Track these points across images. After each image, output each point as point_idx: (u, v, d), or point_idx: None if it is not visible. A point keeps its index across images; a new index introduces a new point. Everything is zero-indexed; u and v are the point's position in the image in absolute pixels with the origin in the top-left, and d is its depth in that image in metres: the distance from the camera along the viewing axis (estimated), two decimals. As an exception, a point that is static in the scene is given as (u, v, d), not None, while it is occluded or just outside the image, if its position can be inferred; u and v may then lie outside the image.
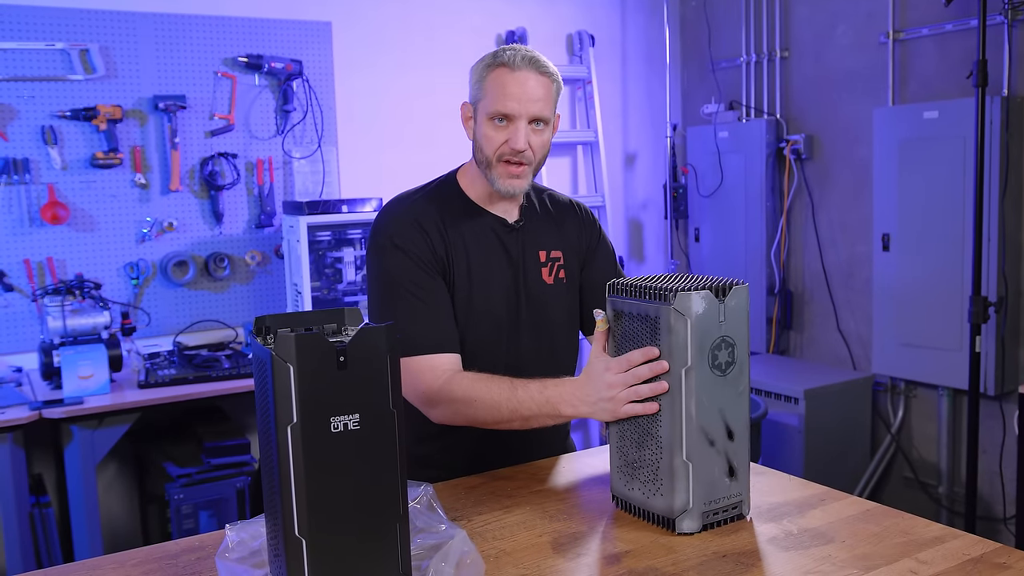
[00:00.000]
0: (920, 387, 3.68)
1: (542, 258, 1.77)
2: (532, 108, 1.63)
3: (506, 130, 1.63)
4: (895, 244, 3.51)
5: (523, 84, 1.62)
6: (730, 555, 1.27)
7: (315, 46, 3.63)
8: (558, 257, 1.79)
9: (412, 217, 1.68)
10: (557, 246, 1.79)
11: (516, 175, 1.66)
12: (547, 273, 1.77)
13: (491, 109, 1.63)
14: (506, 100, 1.62)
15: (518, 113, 1.62)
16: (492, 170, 1.66)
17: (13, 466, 2.68)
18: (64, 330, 2.94)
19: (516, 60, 1.63)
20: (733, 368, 1.35)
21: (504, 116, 1.63)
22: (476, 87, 1.68)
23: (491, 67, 1.65)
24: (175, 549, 1.34)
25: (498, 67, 1.63)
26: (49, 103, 3.15)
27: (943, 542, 1.30)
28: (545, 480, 1.62)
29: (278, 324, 1.16)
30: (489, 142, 1.65)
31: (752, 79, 4.24)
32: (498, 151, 1.64)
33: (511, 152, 1.64)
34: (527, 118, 1.63)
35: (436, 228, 1.68)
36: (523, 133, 1.63)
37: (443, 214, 1.70)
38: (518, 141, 1.62)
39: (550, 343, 1.78)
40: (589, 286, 1.83)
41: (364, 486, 1.09)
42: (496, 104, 1.62)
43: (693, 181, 4.45)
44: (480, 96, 1.66)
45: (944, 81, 3.47)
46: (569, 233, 1.82)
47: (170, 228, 3.37)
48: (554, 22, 4.28)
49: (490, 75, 1.64)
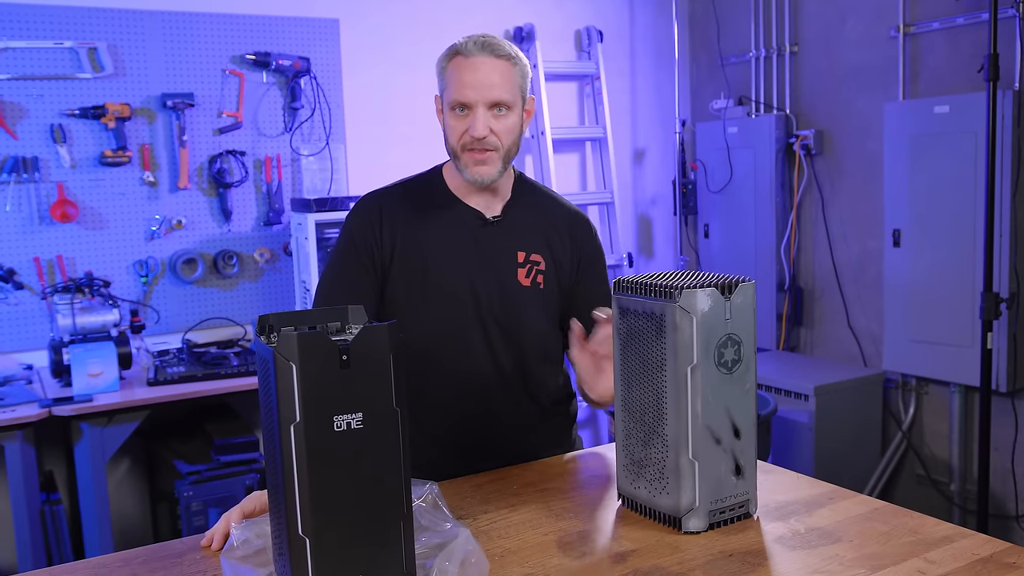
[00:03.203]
0: (931, 384, 3.66)
1: (520, 258, 1.74)
2: (489, 94, 1.62)
3: (466, 119, 1.63)
4: (906, 240, 3.49)
5: (477, 70, 1.61)
6: (736, 554, 1.27)
7: (323, 43, 3.63)
8: (538, 262, 1.75)
9: (372, 204, 1.73)
10: (540, 251, 1.75)
11: (482, 161, 1.65)
12: (524, 275, 1.74)
13: (450, 99, 1.64)
14: (463, 88, 1.61)
15: (475, 100, 1.61)
16: (459, 160, 1.66)
17: (24, 463, 2.70)
18: (74, 328, 2.95)
19: (469, 46, 1.63)
20: (739, 366, 1.34)
21: (463, 105, 1.62)
22: (440, 79, 1.68)
23: (449, 57, 1.65)
24: (181, 547, 1.35)
25: (454, 56, 1.64)
26: (58, 102, 3.16)
27: (952, 541, 1.28)
28: (550, 478, 1.62)
29: (281, 323, 1.15)
30: (452, 132, 1.65)
31: (761, 74, 4.22)
32: (461, 140, 1.64)
33: (472, 140, 1.63)
34: (485, 104, 1.62)
35: (391, 217, 1.70)
36: (482, 119, 1.61)
37: (412, 203, 1.72)
38: (477, 128, 1.61)
39: (518, 343, 1.74)
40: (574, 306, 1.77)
41: (368, 485, 1.09)
42: (454, 93, 1.63)
43: (702, 177, 4.43)
44: (442, 87, 1.67)
45: (955, 75, 3.44)
46: (558, 242, 1.78)
47: (179, 226, 3.38)
48: (562, 18, 4.26)
49: (449, 65, 1.65)
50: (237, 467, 3.03)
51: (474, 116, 1.62)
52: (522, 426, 1.79)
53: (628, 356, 1.41)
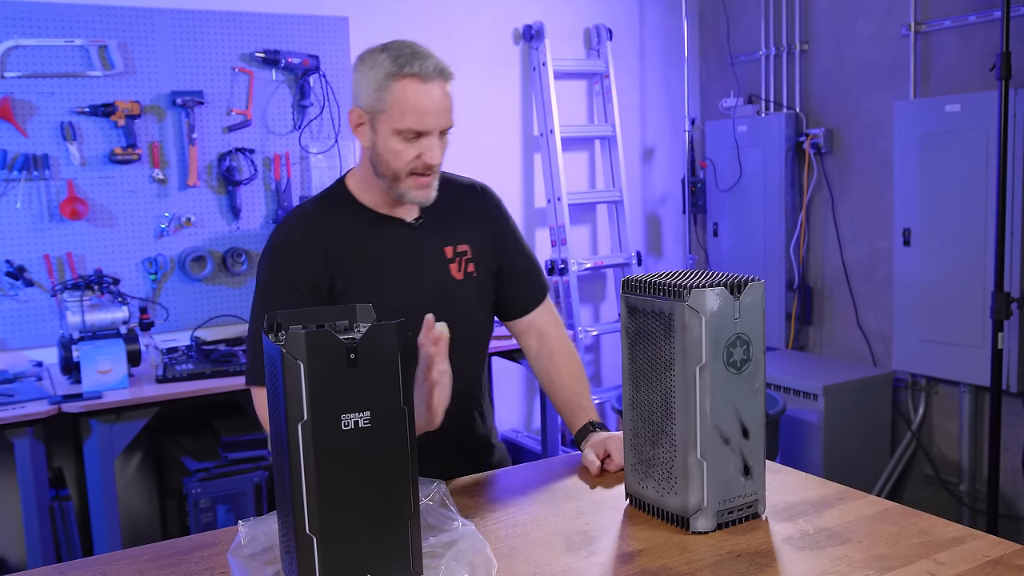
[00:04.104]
0: (941, 384, 3.64)
1: (448, 254, 1.71)
2: (445, 120, 1.57)
3: (417, 144, 1.55)
4: (916, 239, 3.47)
5: (433, 97, 1.53)
6: (745, 555, 1.26)
7: (332, 41, 3.63)
8: (465, 251, 1.73)
9: (296, 235, 1.62)
10: (463, 240, 1.73)
11: (427, 185, 1.60)
12: (456, 269, 1.71)
13: (402, 126, 1.54)
14: (421, 117, 1.53)
15: (433, 128, 1.55)
16: (400, 183, 1.59)
17: (33, 460, 2.71)
18: (83, 325, 2.96)
19: (428, 70, 1.52)
20: (748, 366, 1.34)
21: (419, 132, 1.54)
22: (375, 96, 1.55)
23: (396, 76, 1.53)
24: (188, 545, 1.35)
25: (405, 78, 1.52)
26: (68, 99, 3.17)
27: (962, 543, 1.28)
28: (559, 478, 1.61)
29: (289, 321, 1.15)
30: (398, 157, 1.56)
31: (771, 72, 4.20)
32: (410, 166, 1.57)
33: (424, 167, 1.57)
34: (440, 130, 1.57)
35: (321, 245, 1.60)
36: (438, 147, 1.56)
37: (334, 227, 1.63)
38: (434, 156, 1.56)
39: (466, 337, 1.70)
40: (508, 274, 1.79)
41: (375, 483, 1.09)
42: (407, 121, 1.53)
43: (712, 175, 4.42)
44: (381, 107, 1.55)
45: (966, 74, 3.42)
46: (474, 223, 1.75)
47: (188, 223, 3.39)
48: (571, 16, 4.26)
49: (395, 85, 1.53)
50: (245, 464, 3.04)
51: (430, 144, 1.55)
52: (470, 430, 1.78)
53: (636, 355, 1.40)
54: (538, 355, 1.83)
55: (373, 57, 1.56)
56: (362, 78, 1.57)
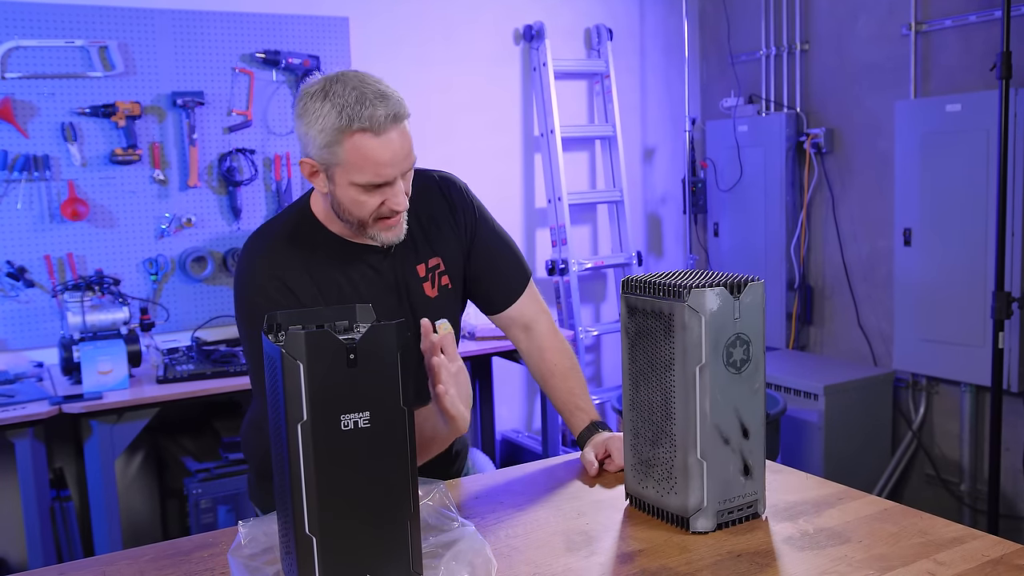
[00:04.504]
0: (942, 383, 3.64)
1: (421, 272, 1.64)
2: (405, 164, 1.47)
3: (380, 191, 1.46)
4: (917, 239, 3.47)
5: (393, 146, 1.43)
6: (745, 554, 1.26)
7: (332, 42, 3.63)
8: (437, 265, 1.66)
9: (276, 273, 1.50)
10: (433, 253, 1.66)
11: (396, 225, 1.52)
12: (429, 287, 1.65)
13: (362, 180, 1.44)
14: (381, 169, 1.43)
15: (395, 176, 1.46)
16: (367, 228, 1.51)
17: (34, 460, 2.71)
18: (84, 325, 2.96)
19: (378, 120, 1.40)
20: (748, 366, 1.34)
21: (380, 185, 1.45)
22: (325, 151, 1.43)
23: (346, 132, 1.41)
24: (188, 546, 1.35)
25: (356, 133, 1.41)
26: (69, 100, 3.18)
27: (962, 543, 1.28)
28: (558, 478, 1.61)
29: (289, 321, 1.15)
30: (361, 207, 1.48)
31: (772, 72, 4.20)
32: (375, 213, 1.49)
33: (390, 211, 1.49)
34: (402, 174, 1.48)
35: (304, 280, 1.51)
36: (402, 191, 1.48)
37: (309, 259, 1.54)
38: (400, 202, 1.48)
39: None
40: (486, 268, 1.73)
41: (375, 484, 1.09)
42: (367, 176, 1.44)
43: (712, 175, 4.42)
44: (335, 162, 1.44)
45: (967, 73, 3.42)
46: (446, 228, 1.67)
47: (188, 224, 3.39)
48: (572, 16, 4.26)
49: (347, 141, 1.41)
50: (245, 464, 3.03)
51: (394, 192, 1.47)
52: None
53: (636, 355, 1.40)
54: (528, 352, 1.80)
55: (315, 108, 1.43)
56: (307, 131, 1.45)
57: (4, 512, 3.12)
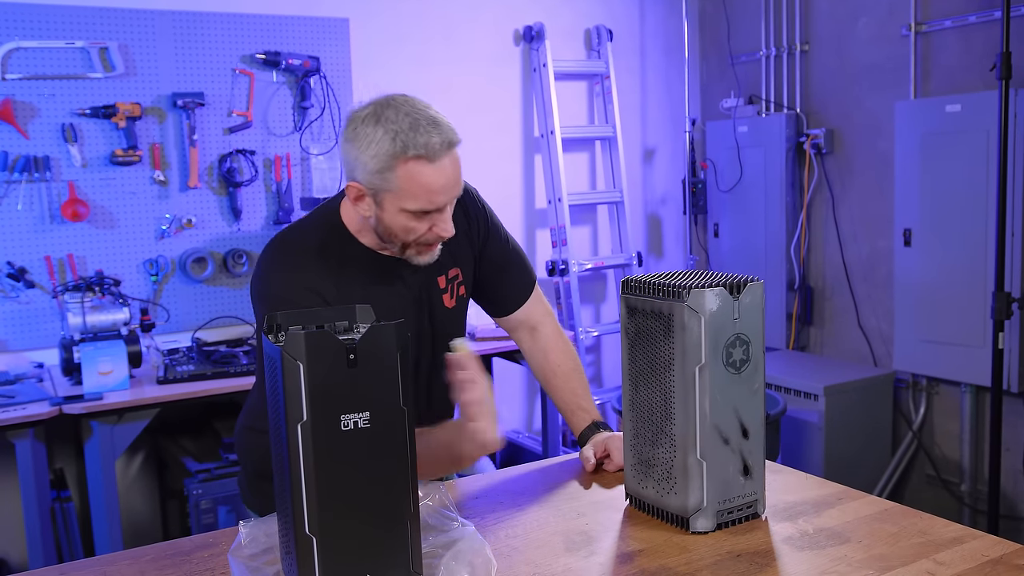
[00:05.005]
0: (942, 384, 3.64)
1: (442, 284, 1.64)
2: (456, 191, 1.48)
3: (429, 218, 1.47)
4: (917, 239, 3.47)
5: (446, 173, 1.44)
6: (744, 554, 1.26)
7: (332, 43, 3.64)
8: (456, 275, 1.67)
9: (307, 284, 1.48)
10: (453, 264, 1.66)
11: (435, 250, 1.54)
12: (448, 298, 1.66)
13: (414, 207, 1.44)
14: (434, 196, 1.44)
15: (447, 203, 1.47)
16: (408, 249, 1.52)
17: (34, 461, 2.71)
18: (84, 326, 2.96)
19: (433, 148, 1.41)
20: (748, 366, 1.34)
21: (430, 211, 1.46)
22: (377, 176, 1.42)
23: (400, 158, 1.40)
24: (189, 546, 1.35)
25: (412, 159, 1.40)
26: (69, 101, 3.18)
27: (962, 543, 1.28)
28: (558, 478, 1.62)
29: (289, 322, 1.16)
30: (409, 232, 1.48)
31: (772, 73, 4.20)
32: (422, 238, 1.49)
33: (437, 239, 1.50)
34: (452, 202, 1.49)
35: (334, 289, 1.50)
36: (450, 218, 1.49)
37: (339, 273, 1.52)
38: (448, 229, 1.49)
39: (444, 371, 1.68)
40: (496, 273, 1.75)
41: (375, 484, 1.09)
42: (420, 203, 1.44)
43: (712, 176, 4.42)
44: (387, 187, 1.43)
45: (967, 74, 3.42)
46: (460, 240, 1.66)
47: (189, 225, 3.39)
48: (572, 16, 4.26)
49: (401, 168, 1.41)
50: (246, 465, 3.04)
51: (443, 219, 1.48)
52: None
53: (636, 356, 1.41)
54: (532, 353, 1.82)
55: (368, 133, 1.42)
56: (359, 155, 1.43)
57: (5, 513, 3.12)
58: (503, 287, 1.78)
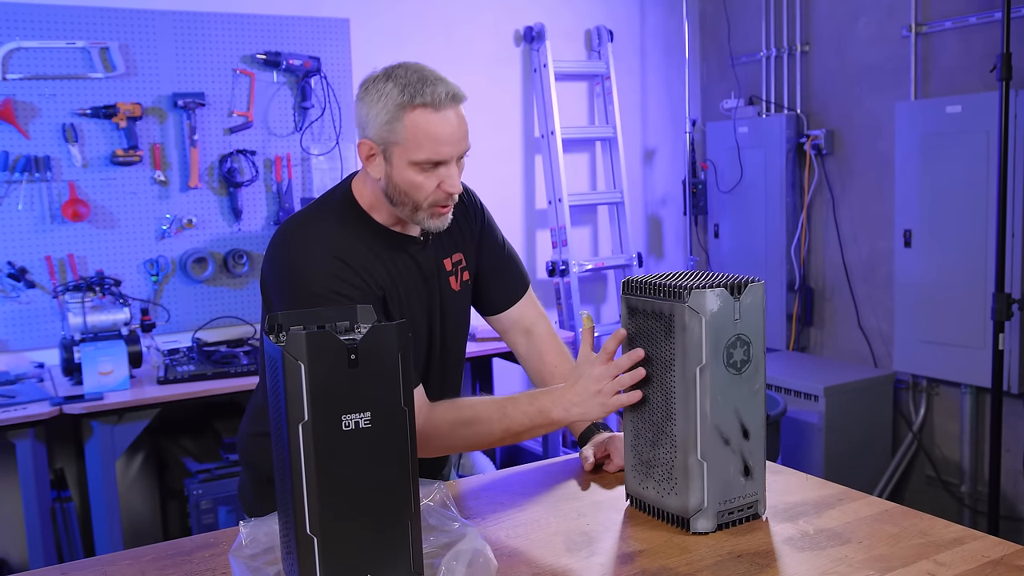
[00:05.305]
0: (942, 385, 3.64)
1: (448, 267, 1.68)
2: (462, 146, 1.51)
3: (436, 173, 1.49)
4: (917, 240, 3.47)
5: (451, 124, 1.48)
6: (745, 555, 1.26)
7: (333, 43, 3.64)
8: (460, 260, 1.71)
9: (339, 256, 1.50)
10: (456, 248, 1.70)
11: (446, 213, 1.56)
12: (454, 281, 1.69)
13: (420, 157, 1.47)
14: (439, 147, 1.47)
15: (452, 156, 1.49)
16: (419, 212, 1.53)
17: (35, 460, 2.71)
18: (84, 326, 2.96)
19: (439, 97, 1.45)
20: (748, 366, 1.34)
21: (437, 162, 1.48)
22: (386, 128, 1.47)
23: (407, 107, 1.45)
24: (190, 546, 1.35)
25: (418, 108, 1.45)
26: (70, 101, 3.18)
27: (962, 543, 1.28)
28: (559, 479, 1.62)
29: (290, 322, 1.16)
30: (419, 189, 1.49)
31: (772, 74, 4.21)
32: (431, 197, 1.51)
33: (446, 197, 1.52)
34: (458, 157, 1.51)
35: (362, 262, 1.53)
36: (457, 174, 1.51)
37: (362, 244, 1.55)
38: (456, 185, 1.51)
39: (457, 346, 1.74)
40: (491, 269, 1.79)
41: (376, 484, 1.09)
42: (426, 152, 1.46)
43: (712, 177, 4.42)
44: (395, 139, 1.47)
45: (967, 75, 3.42)
46: (462, 228, 1.71)
47: (189, 225, 3.39)
48: (572, 17, 4.26)
49: (408, 117, 1.45)
50: (246, 466, 3.04)
51: (450, 173, 1.50)
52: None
53: (637, 356, 1.41)
54: (528, 355, 1.83)
55: (378, 87, 1.48)
56: (369, 110, 1.49)
57: (5, 512, 3.12)
58: (497, 286, 1.80)
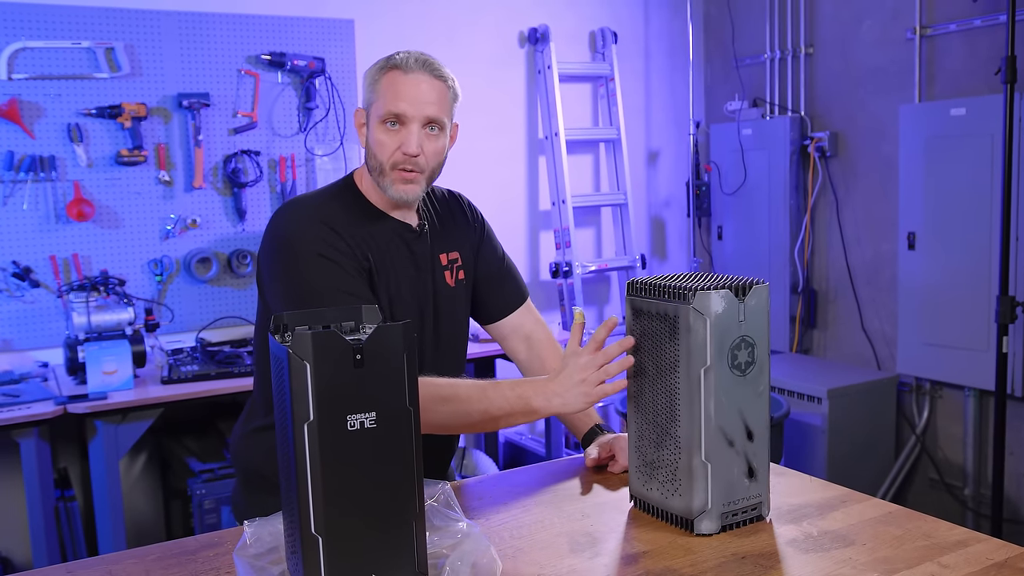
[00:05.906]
0: (946, 387, 3.64)
1: (443, 261, 1.73)
2: (426, 110, 1.58)
3: (398, 134, 1.58)
4: (921, 243, 3.47)
5: (416, 86, 1.58)
6: (749, 557, 1.26)
7: (337, 44, 3.64)
8: (456, 259, 1.76)
9: (326, 223, 1.58)
10: (454, 247, 1.76)
11: (410, 180, 1.60)
12: (449, 276, 1.74)
13: (383, 111, 1.58)
14: (398, 101, 1.57)
15: (411, 115, 1.57)
16: (385, 176, 1.60)
17: (39, 460, 2.72)
18: (89, 326, 2.96)
19: (409, 63, 1.59)
20: (753, 368, 1.34)
21: (396, 118, 1.57)
22: (369, 91, 1.62)
23: (384, 70, 1.60)
24: (194, 545, 1.35)
25: (391, 70, 1.59)
26: (75, 101, 3.19)
27: (966, 546, 1.28)
28: (563, 479, 1.62)
29: (295, 322, 1.16)
30: (382, 147, 1.59)
31: (776, 76, 4.21)
32: (392, 157, 1.58)
33: (404, 158, 1.58)
34: (420, 121, 1.58)
35: (350, 233, 1.60)
36: (416, 136, 1.57)
37: (352, 219, 1.63)
38: (410, 145, 1.57)
39: (453, 344, 1.76)
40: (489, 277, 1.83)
41: (380, 484, 1.09)
42: (388, 105, 1.57)
43: (716, 179, 4.42)
44: (373, 99, 1.61)
45: (972, 78, 3.42)
46: (461, 230, 1.79)
47: (193, 225, 3.39)
48: (576, 19, 4.26)
49: (383, 78, 1.60)
50: (249, 466, 3.04)
51: (408, 132, 1.58)
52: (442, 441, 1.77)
53: (641, 357, 1.41)
54: (528, 362, 1.84)
55: (376, 62, 1.64)
56: (364, 79, 1.65)
57: (9, 511, 3.13)
58: (495, 295, 1.84)
